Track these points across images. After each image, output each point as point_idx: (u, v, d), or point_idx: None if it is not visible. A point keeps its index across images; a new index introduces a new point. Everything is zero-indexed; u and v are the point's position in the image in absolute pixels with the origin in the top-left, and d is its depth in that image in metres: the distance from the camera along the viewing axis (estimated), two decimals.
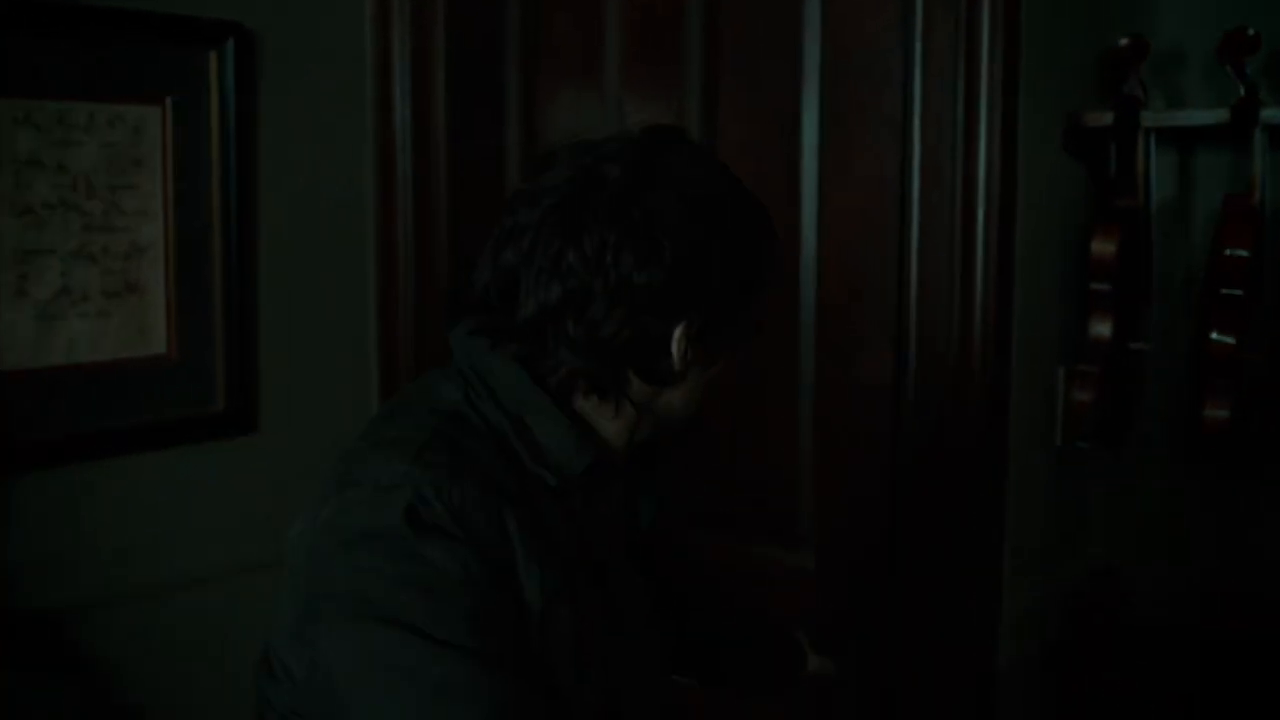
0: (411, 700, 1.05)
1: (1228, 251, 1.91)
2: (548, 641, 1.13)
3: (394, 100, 2.49)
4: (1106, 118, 2.01)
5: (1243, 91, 1.90)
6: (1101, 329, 2.01)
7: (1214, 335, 1.92)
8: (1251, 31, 1.90)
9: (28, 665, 2.00)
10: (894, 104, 1.97)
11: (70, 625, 2.07)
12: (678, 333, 1.18)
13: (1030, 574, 2.01)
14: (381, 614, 1.06)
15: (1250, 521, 2.10)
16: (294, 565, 1.15)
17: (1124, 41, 1.99)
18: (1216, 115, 1.92)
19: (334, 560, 1.10)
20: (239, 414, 2.34)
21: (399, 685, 1.06)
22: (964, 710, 1.96)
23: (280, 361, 2.38)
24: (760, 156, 2.12)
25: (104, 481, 2.14)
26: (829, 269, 2.07)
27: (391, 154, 2.51)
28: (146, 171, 2.17)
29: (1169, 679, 2.02)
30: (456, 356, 1.24)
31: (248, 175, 2.30)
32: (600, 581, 1.23)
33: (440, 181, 2.52)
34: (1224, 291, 1.91)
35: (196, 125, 2.23)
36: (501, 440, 1.18)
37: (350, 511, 1.11)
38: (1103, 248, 1.99)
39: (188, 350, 2.25)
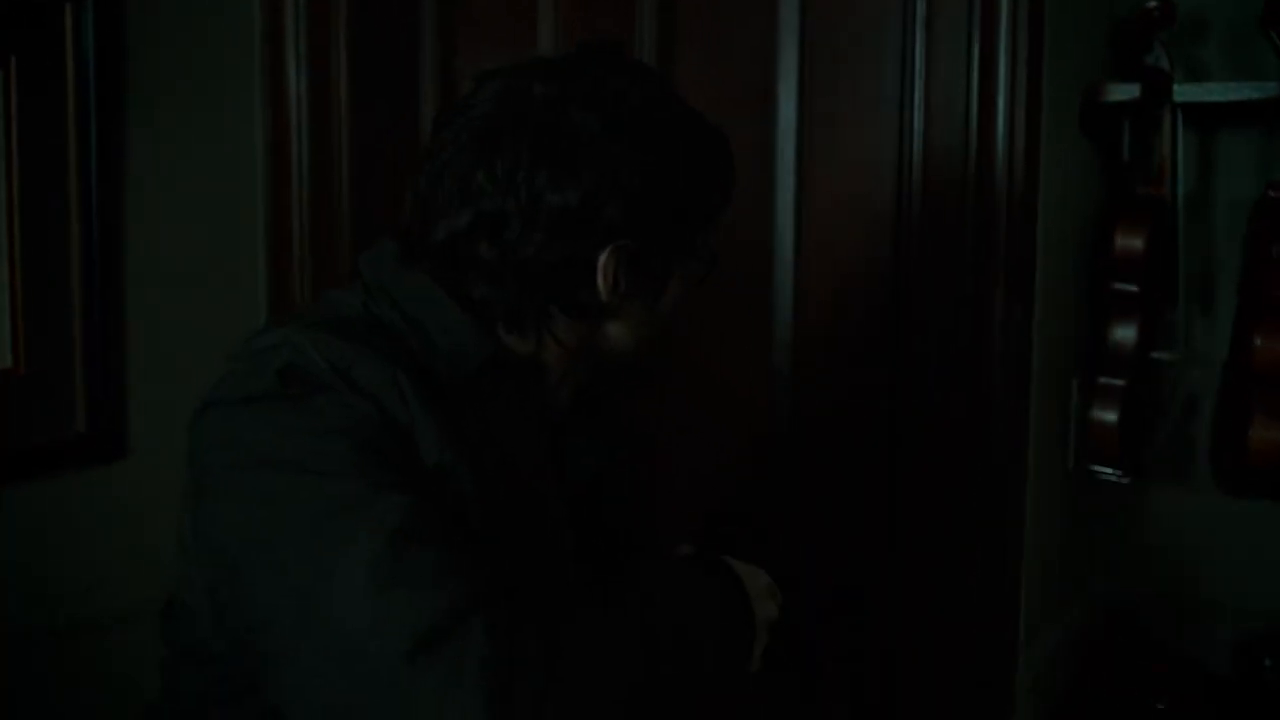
0: (303, 527, 0.96)
1: (1278, 249, 1.65)
2: (448, 500, 1.04)
3: (287, 63, 2.13)
4: (1129, 92, 1.75)
5: None
6: (1126, 336, 1.75)
7: (1258, 341, 1.67)
8: None
9: None
10: (891, 75, 1.69)
11: None
12: (602, 259, 1.11)
13: (1041, 624, 1.75)
14: (262, 458, 1.00)
15: None
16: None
17: (1152, 3, 1.73)
18: (1263, 89, 1.67)
19: (213, 433, 1.05)
20: (104, 437, 2.00)
21: (286, 515, 0.97)
22: None
23: (153, 375, 2.02)
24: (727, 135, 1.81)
25: None
26: (809, 271, 1.78)
27: (285, 128, 2.16)
28: None
29: None
30: (362, 273, 1.18)
31: (112, 152, 1.94)
32: (501, 493, 1.10)
33: (341, 162, 2.18)
34: (1274, 294, 1.66)
35: (49, 92, 1.87)
36: (397, 339, 1.11)
37: (227, 382, 1.07)
38: (1128, 242, 1.73)
39: (40, 363, 1.91)
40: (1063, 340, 1.77)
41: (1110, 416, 1.75)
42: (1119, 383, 1.75)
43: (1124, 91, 1.75)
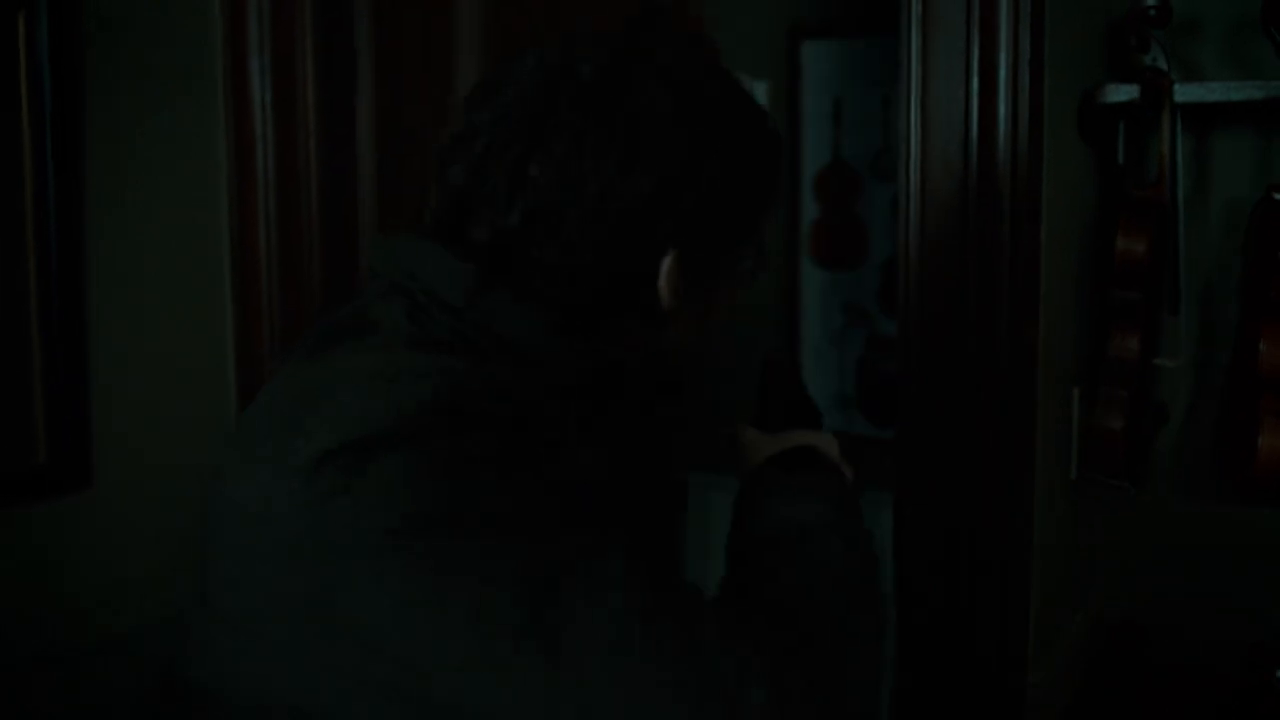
0: (503, 601, 0.80)
1: None
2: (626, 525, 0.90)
3: (250, 72, 2.05)
4: (1128, 93, 1.70)
5: None
6: (1128, 344, 1.71)
7: (1263, 346, 1.63)
8: None
9: None
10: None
11: None
12: (667, 263, 0.98)
13: (1048, 639, 1.70)
14: (427, 517, 0.82)
15: None
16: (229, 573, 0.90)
17: (1150, 1, 1.69)
18: (1267, 88, 1.63)
19: (346, 491, 0.83)
20: (67, 467, 1.90)
21: (476, 587, 0.80)
22: None
23: (118, 401, 1.94)
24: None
25: None
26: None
27: (250, 139, 2.07)
28: None
29: None
30: (384, 268, 0.99)
31: (70, 168, 1.85)
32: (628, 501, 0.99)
33: (309, 174, 2.10)
34: (1279, 297, 1.62)
35: (1, 104, 1.76)
36: (483, 356, 0.94)
37: (344, 420, 0.84)
38: (1130, 248, 1.68)
39: None
40: (1062, 348, 1.73)
41: (1114, 426, 1.71)
42: (1122, 392, 1.71)
43: (1123, 93, 1.71)
